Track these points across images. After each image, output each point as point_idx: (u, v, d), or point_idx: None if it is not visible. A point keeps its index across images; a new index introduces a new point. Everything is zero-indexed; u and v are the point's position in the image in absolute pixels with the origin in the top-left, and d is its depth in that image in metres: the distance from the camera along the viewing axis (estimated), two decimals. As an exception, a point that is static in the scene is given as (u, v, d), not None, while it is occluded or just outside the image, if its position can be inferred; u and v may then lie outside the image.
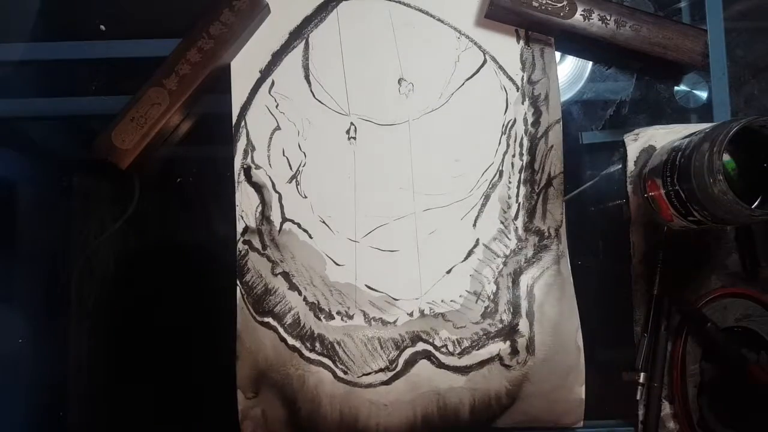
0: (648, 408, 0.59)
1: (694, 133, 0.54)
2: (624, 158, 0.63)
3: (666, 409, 0.60)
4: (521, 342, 0.60)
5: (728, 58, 0.64)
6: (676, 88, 0.64)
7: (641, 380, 0.59)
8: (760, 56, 0.65)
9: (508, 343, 0.61)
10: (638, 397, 0.59)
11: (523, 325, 0.61)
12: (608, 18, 0.61)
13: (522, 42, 0.63)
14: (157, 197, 0.63)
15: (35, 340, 0.62)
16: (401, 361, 0.60)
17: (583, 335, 0.60)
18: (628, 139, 0.63)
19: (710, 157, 0.48)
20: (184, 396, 0.62)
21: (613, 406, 0.61)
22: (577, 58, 0.65)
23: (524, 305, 0.61)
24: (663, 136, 0.62)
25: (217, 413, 0.61)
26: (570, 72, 0.65)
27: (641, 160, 0.62)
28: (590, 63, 0.65)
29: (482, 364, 0.60)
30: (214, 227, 0.63)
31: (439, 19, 0.64)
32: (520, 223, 0.62)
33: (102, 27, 0.65)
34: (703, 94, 0.64)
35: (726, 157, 0.52)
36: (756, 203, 0.51)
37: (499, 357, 0.60)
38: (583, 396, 0.60)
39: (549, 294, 0.61)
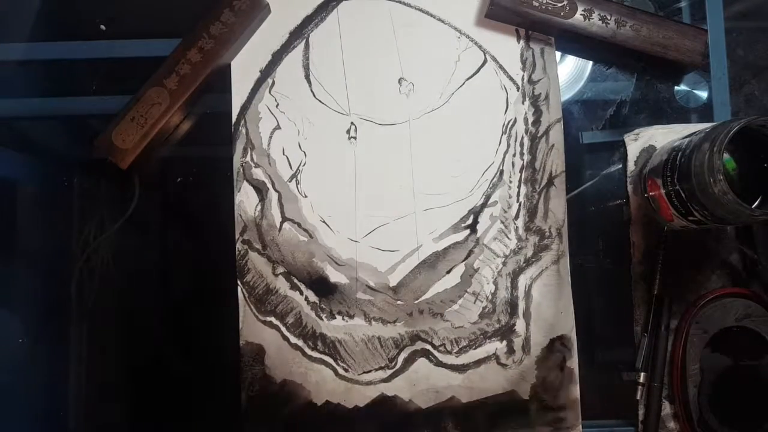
0: (648, 408, 0.59)
1: (694, 133, 0.54)
2: (624, 158, 0.63)
3: (666, 409, 0.60)
4: (517, 342, 0.60)
5: (728, 58, 0.64)
6: (676, 88, 0.64)
7: (641, 380, 0.59)
8: (760, 56, 0.65)
9: (504, 342, 0.61)
10: (638, 397, 0.59)
11: (519, 325, 0.61)
12: (608, 18, 0.61)
13: (522, 42, 0.63)
14: (157, 197, 0.63)
15: (35, 341, 0.62)
16: (400, 359, 0.60)
17: (583, 335, 0.60)
18: (628, 138, 0.63)
19: (710, 157, 0.48)
20: (185, 396, 0.62)
21: (613, 406, 0.61)
22: (578, 58, 0.65)
23: (521, 305, 0.61)
24: (663, 136, 0.62)
25: (219, 412, 0.61)
26: (570, 72, 0.65)
27: (641, 159, 0.62)
28: (590, 63, 0.65)
29: (479, 363, 0.60)
30: (214, 227, 0.62)
31: (439, 19, 0.64)
32: (520, 222, 0.62)
33: (102, 27, 0.65)
34: (703, 94, 0.64)
35: (726, 157, 0.52)
36: (756, 203, 0.51)
37: (495, 356, 0.60)
38: (578, 395, 0.60)
39: (546, 294, 0.61)
